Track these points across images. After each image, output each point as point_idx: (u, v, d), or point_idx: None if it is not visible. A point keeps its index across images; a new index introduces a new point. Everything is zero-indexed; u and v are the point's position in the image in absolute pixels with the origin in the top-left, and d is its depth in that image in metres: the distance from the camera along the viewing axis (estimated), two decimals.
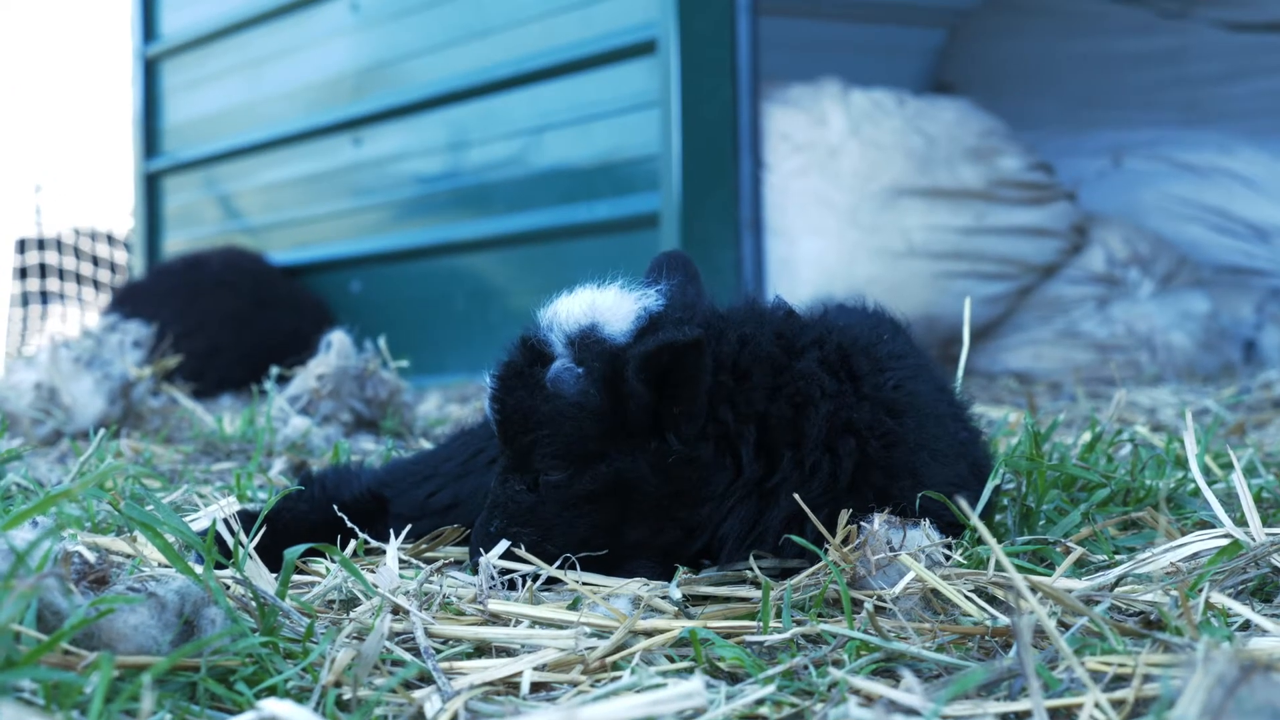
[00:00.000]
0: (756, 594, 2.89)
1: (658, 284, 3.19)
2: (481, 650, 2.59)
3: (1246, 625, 2.56)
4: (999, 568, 2.78)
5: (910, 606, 2.74)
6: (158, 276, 11.05)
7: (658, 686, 2.24)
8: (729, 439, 3.02)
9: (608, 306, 3.06)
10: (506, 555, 3.01)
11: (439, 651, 2.54)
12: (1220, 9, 11.83)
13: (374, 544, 3.27)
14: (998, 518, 3.46)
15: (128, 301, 10.39)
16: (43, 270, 19.08)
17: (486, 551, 3.00)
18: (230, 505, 3.32)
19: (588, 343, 3.02)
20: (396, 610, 2.70)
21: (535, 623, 2.70)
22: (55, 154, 20.58)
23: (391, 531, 3.12)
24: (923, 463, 3.11)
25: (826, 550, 2.89)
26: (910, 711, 2.09)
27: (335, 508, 3.40)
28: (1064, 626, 2.51)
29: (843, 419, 3.04)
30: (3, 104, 20.00)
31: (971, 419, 3.50)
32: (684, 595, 2.85)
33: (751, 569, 3.02)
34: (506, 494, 3.12)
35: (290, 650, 2.44)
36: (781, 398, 3.03)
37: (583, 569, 3.04)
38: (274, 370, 5.85)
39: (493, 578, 2.91)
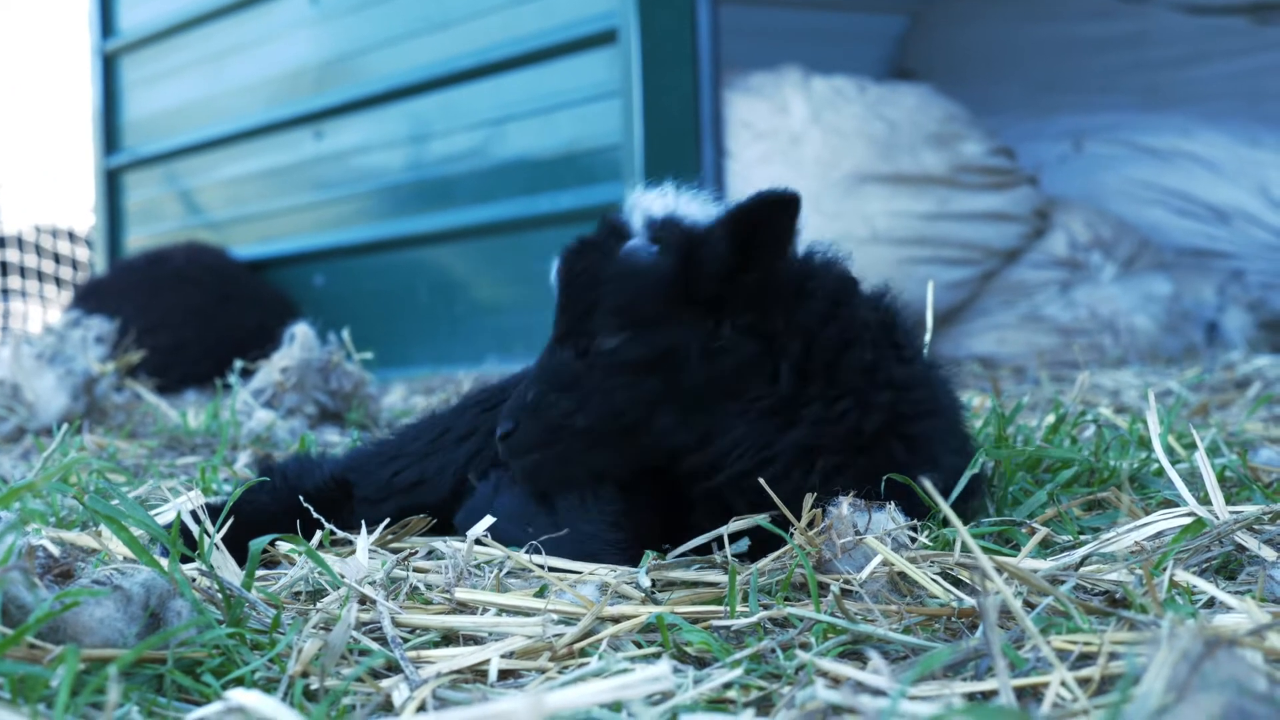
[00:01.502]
0: (723, 579, 2.89)
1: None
2: (449, 638, 2.59)
3: (1211, 602, 2.57)
4: (965, 549, 2.79)
5: (877, 589, 2.75)
6: (120, 272, 11.01)
7: (625, 672, 2.24)
8: (774, 348, 3.06)
9: (691, 203, 3.17)
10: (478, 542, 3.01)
11: (406, 640, 2.54)
12: None
13: (339, 534, 3.27)
14: (974, 502, 3.47)
15: (90, 298, 10.34)
16: (3, 268, 18.99)
17: (517, 419, 3.12)
18: (195, 498, 3.31)
19: (668, 225, 3.11)
20: (364, 600, 2.70)
21: (502, 610, 2.70)
22: (14, 151, 20.48)
23: (364, 524, 3.11)
24: (939, 450, 3.14)
25: (792, 534, 2.89)
26: (877, 692, 2.09)
27: (300, 498, 3.39)
28: (1030, 606, 2.52)
29: (884, 376, 3.09)
30: None
31: (961, 406, 3.52)
32: (652, 581, 2.86)
33: (720, 554, 3.02)
34: (553, 362, 3.17)
35: (257, 641, 2.43)
36: (833, 327, 3.09)
37: (548, 553, 3.04)
38: (238, 364, 5.83)
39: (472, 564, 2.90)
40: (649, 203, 3.15)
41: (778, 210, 3.00)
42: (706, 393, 3.07)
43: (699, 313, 3.07)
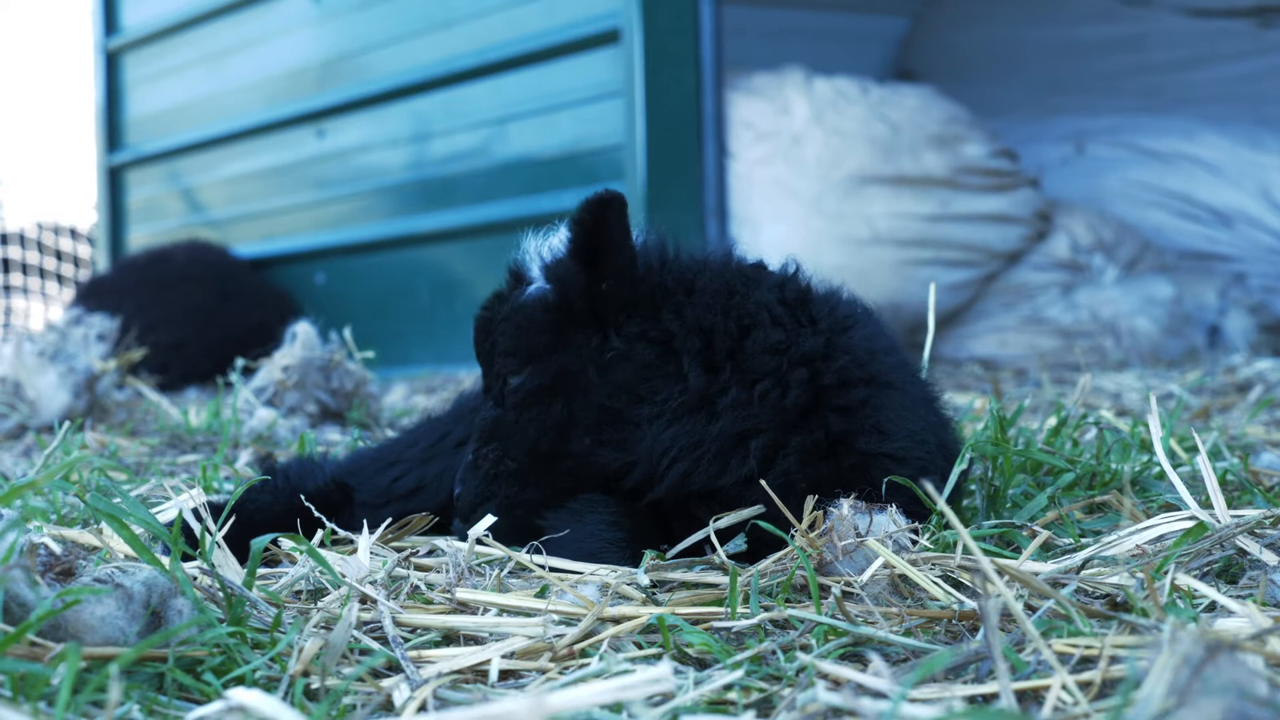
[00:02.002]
0: (724, 580, 2.88)
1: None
2: (449, 638, 2.58)
3: (1212, 606, 2.57)
4: (966, 552, 2.79)
5: (878, 591, 2.75)
6: (122, 270, 11.02)
7: (626, 673, 2.24)
8: (672, 347, 3.07)
9: None
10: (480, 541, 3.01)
11: (407, 640, 2.54)
12: None
13: (341, 533, 3.27)
14: (965, 502, 3.46)
15: (92, 295, 10.35)
16: (5, 265, 19.00)
17: (463, 481, 3.20)
18: (197, 497, 3.31)
19: (558, 260, 3.17)
20: (365, 599, 2.70)
21: (503, 610, 2.70)
22: (17, 148, 20.48)
23: (365, 523, 3.12)
24: (886, 418, 3.10)
25: (793, 535, 2.89)
26: (878, 694, 2.09)
27: (301, 497, 3.39)
28: (1031, 609, 2.52)
29: (797, 352, 3.07)
30: None
31: (942, 405, 3.50)
32: (652, 582, 2.85)
33: (715, 547, 3.01)
34: (481, 415, 3.25)
35: (258, 640, 2.43)
36: (730, 318, 3.09)
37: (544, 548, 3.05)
38: (239, 362, 5.83)
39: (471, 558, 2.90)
40: (547, 244, 3.22)
41: (600, 210, 3.03)
42: (614, 405, 3.08)
43: (585, 331, 3.12)
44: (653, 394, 3.06)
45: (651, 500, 3.09)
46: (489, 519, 3.01)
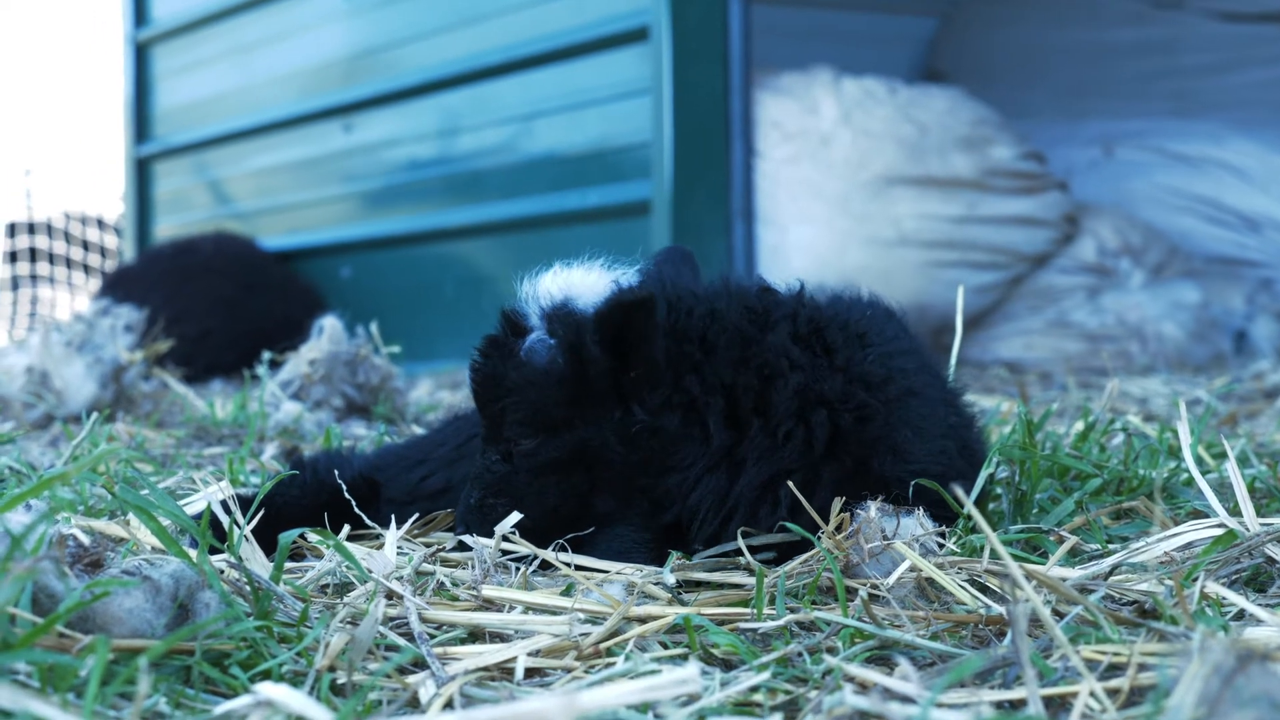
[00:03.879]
0: (750, 581, 2.88)
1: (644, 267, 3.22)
2: (475, 635, 2.58)
3: (1241, 615, 2.56)
4: (994, 556, 2.78)
5: (904, 594, 2.74)
6: (149, 261, 11.05)
7: (653, 673, 2.24)
8: (696, 409, 3.01)
9: (582, 282, 3.12)
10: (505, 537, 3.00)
11: (433, 637, 2.54)
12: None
13: (368, 525, 3.28)
14: (991, 506, 3.45)
15: (119, 286, 10.38)
16: (33, 254, 19.06)
17: (468, 525, 3.09)
18: (224, 489, 3.32)
19: (560, 315, 3.07)
20: (390, 595, 2.70)
21: (529, 608, 2.70)
22: (46, 138, 20.56)
23: (393, 519, 3.12)
24: (904, 438, 3.08)
25: (820, 537, 2.88)
26: (905, 699, 2.09)
27: (327, 492, 3.40)
28: (1058, 615, 2.52)
29: (814, 391, 3.02)
30: None
31: (964, 404, 3.49)
32: (677, 581, 2.85)
33: (744, 554, 3.01)
34: (484, 464, 3.15)
35: (285, 634, 2.43)
36: (749, 369, 3.03)
37: (570, 546, 3.04)
38: (266, 355, 5.84)
39: (487, 563, 2.90)
40: (543, 289, 3.13)
41: (632, 313, 2.94)
42: (639, 474, 3.03)
43: (605, 405, 3.03)
44: (680, 461, 3.01)
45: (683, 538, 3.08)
46: (515, 515, 3.00)
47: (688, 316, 3.07)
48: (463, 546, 3.10)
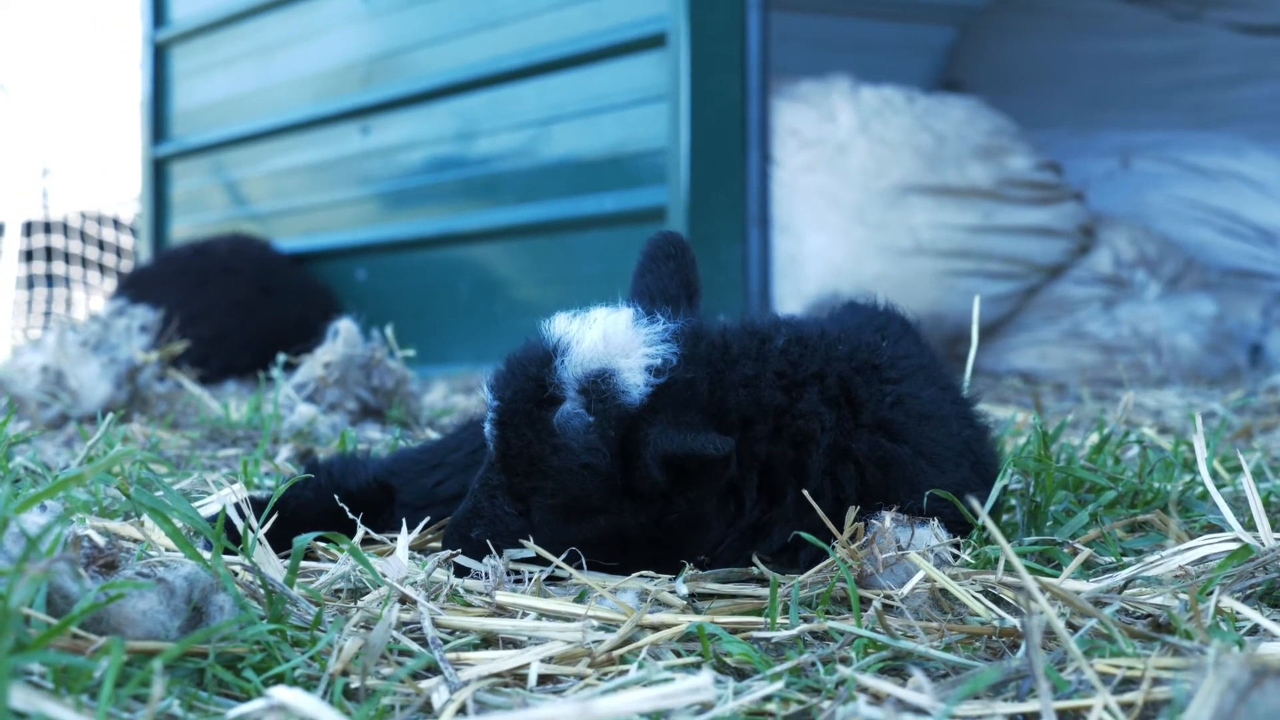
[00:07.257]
0: (763, 590, 2.88)
1: (657, 298, 3.14)
2: (488, 641, 2.59)
3: (1255, 630, 2.56)
4: (1009, 568, 2.78)
5: (918, 605, 2.74)
6: (165, 262, 11.07)
7: (666, 681, 2.24)
8: (733, 487, 2.99)
9: (619, 347, 2.97)
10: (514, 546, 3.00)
11: (446, 642, 2.54)
12: (1232, 11, 11.82)
13: (376, 537, 3.28)
14: (1005, 517, 3.45)
15: (134, 286, 10.39)
16: (49, 254, 19.09)
17: (465, 552, 3.02)
18: (238, 492, 3.32)
19: (600, 392, 2.93)
20: (404, 600, 2.70)
21: (542, 615, 2.70)
22: (63, 138, 20.60)
23: (404, 523, 3.11)
24: (920, 471, 3.08)
25: (834, 547, 2.88)
26: (919, 710, 2.08)
27: (341, 496, 3.40)
28: (1072, 628, 2.51)
29: (842, 447, 3.03)
30: (11, 88, 19.99)
31: (977, 416, 3.49)
32: (690, 591, 2.85)
33: (757, 565, 3.01)
34: (494, 509, 3.06)
35: (298, 638, 2.43)
36: (783, 439, 3.01)
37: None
38: (281, 357, 5.84)
39: (498, 570, 2.90)
40: (578, 355, 2.97)
41: (711, 465, 2.88)
42: (670, 545, 3.01)
43: (649, 501, 2.97)
44: (711, 536, 3.02)
45: None
46: (528, 551, 3.00)
47: (723, 390, 3.00)
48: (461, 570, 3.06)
